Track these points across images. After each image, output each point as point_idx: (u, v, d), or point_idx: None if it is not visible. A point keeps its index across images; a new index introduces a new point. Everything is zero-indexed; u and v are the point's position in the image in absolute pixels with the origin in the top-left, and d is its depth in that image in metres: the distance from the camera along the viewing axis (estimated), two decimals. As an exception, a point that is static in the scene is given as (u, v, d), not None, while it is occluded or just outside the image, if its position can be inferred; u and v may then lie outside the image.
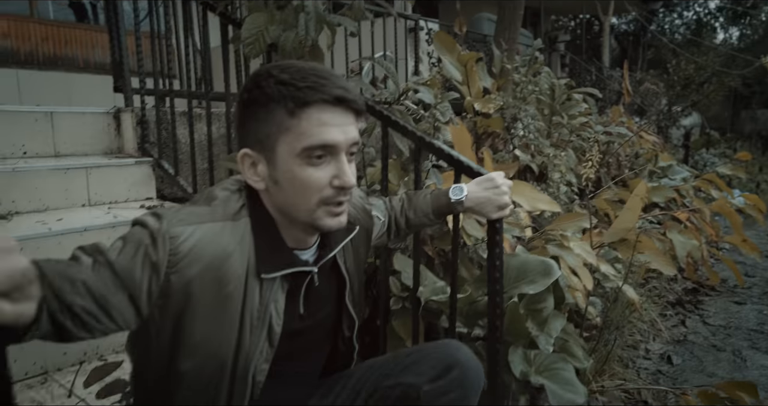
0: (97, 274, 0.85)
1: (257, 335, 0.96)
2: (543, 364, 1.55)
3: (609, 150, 4.20)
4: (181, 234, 0.88)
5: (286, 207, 0.96)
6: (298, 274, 1.00)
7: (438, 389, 1.08)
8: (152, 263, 0.86)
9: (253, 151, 0.94)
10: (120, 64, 2.63)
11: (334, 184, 0.93)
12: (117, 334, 1.73)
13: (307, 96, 0.89)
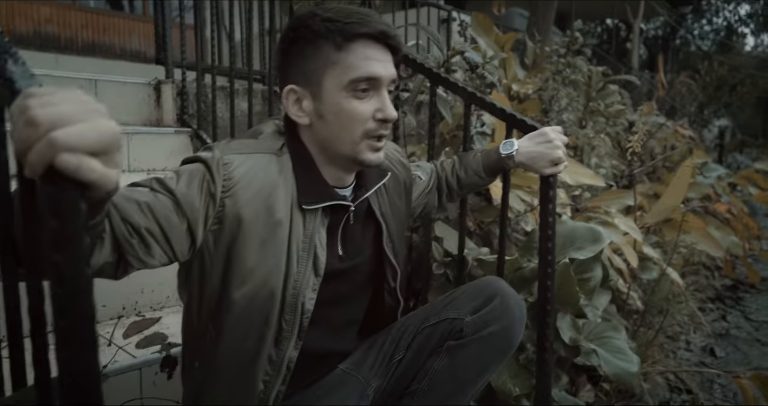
0: (158, 199, 0.87)
1: (304, 265, 0.99)
2: (593, 332, 1.51)
3: (644, 145, 4.12)
4: (234, 161, 0.93)
5: (329, 141, 0.99)
6: (337, 210, 1.03)
7: (481, 319, 1.06)
8: (209, 188, 0.91)
9: (299, 87, 0.97)
10: (163, 36, 2.64)
11: (377, 117, 0.97)
12: (153, 293, 1.73)
13: (353, 30, 0.93)
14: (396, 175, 1.18)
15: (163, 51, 2.67)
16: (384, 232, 1.13)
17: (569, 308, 1.54)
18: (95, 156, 0.53)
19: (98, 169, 0.52)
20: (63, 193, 0.51)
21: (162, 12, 2.63)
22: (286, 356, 1.01)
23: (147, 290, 1.73)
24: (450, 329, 1.08)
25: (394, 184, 1.17)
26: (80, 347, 0.53)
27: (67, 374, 0.54)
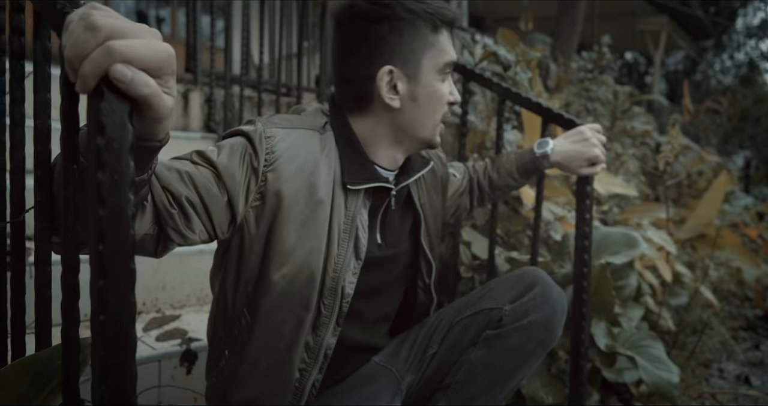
0: (198, 170, 0.85)
1: (344, 247, 0.96)
2: (629, 341, 1.44)
3: (673, 175, 4.06)
4: (277, 134, 0.91)
5: (414, 124, 0.99)
6: (378, 194, 1.01)
7: (521, 307, 1.01)
8: (251, 161, 0.89)
9: (397, 68, 0.95)
10: (194, 45, 2.68)
11: (449, 99, 1.01)
12: (174, 290, 1.70)
13: (446, 14, 0.97)
14: (435, 168, 1.17)
15: (192, 60, 2.70)
16: (422, 223, 1.11)
17: (604, 316, 1.47)
18: (150, 74, 0.52)
19: (152, 84, 0.51)
20: (113, 107, 0.50)
21: (194, 22, 2.68)
22: (324, 343, 0.97)
23: (168, 286, 1.70)
24: (488, 320, 1.03)
25: (432, 178, 1.16)
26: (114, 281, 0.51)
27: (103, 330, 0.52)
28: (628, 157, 2.58)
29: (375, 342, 1.12)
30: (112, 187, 0.50)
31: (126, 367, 0.55)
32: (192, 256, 1.75)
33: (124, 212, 0.50)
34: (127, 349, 0.55)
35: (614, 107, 3.29)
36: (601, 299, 1.44)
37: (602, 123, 3.03)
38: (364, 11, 0.94)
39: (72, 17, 0.50)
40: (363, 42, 0.95)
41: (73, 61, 0.48)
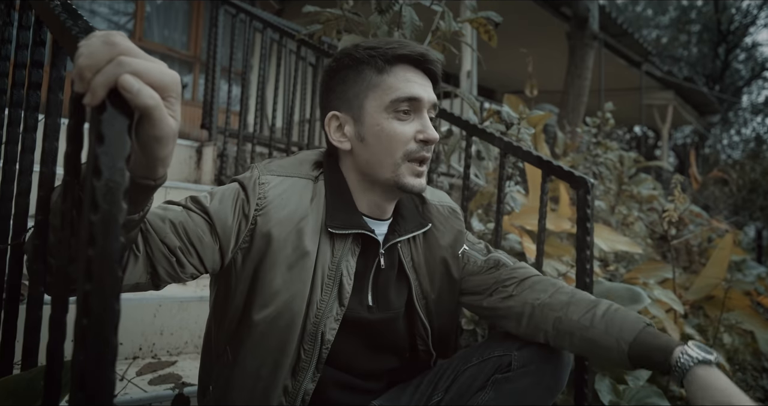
0: (191, 218, 0.89)
1: (328, 293, 0.96)
2: (635, 397, 1.39)
3: (678, 236, 4.04)
4: (271, 181, 0.95)
5: (371, 165, 0.97)
6: (367, 250, 1.00)
7: (528, 353, 1.00)
8: (243, 207, 0.93)
9: (341, 112, 0.99)
10: (210, 103, 2.80)
11: (418, 138, 0.96)
12: (172, 336, 1.69)
13: (394, 52, 0.95)
14: (437, 231, 1.09)
15: (208, 116, 2.82)
16: (414, 286, 1.07)
17: (608, 372, 1.43)
18: (156, 92, 0.55)
19: (157, 98, 0.54)
20: (115, 118, 0.53)
21: (212, 83, 2.81)
22: (302, 388, 0.97)
23: (166, 332, 1.68)
24: (497, 366, 1.01)
25: (433, 241, 1.09)
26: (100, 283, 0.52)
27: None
28: (634, 219, 2.58)
29: (369, 388, 1.09)
30: (107, 194, 0.52)
31: (104, 374, 0.55)
32: (191, 303, 1.74)
33: (115, 219, 0.52)
34: (107, 356, 0.55)
35: (620, 172, 3.33)
36: (604, 354, 1.40)
37: (608, 187, 3.06)
38: (326, 68, 1.03)
39: (95, 33, 0.54)
40: (322, 95, 1.03)
41: (85, 71, 0.51)
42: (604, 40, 7.42)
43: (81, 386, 0.55)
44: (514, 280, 1.06)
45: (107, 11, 5.91)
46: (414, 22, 1.69)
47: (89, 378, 0.55)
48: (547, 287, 1.03)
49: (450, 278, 1.10)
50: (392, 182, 0.97)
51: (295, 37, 2.25)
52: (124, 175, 0.54)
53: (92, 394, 0.55)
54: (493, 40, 2.20)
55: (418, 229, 1.06)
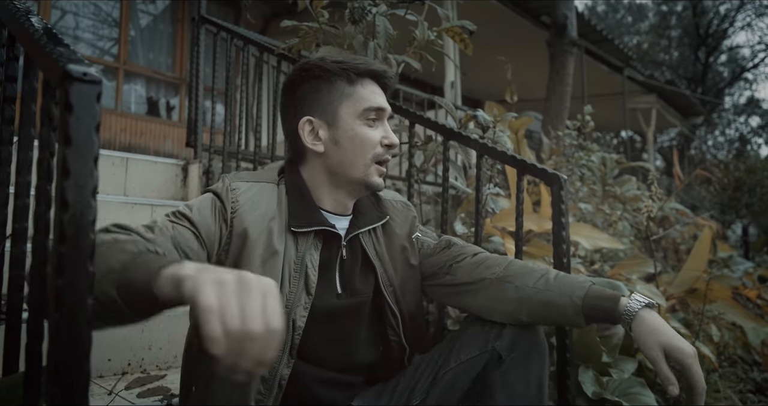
0: (177, 231, 0.96)
1: (295, 285, 1.04)
2: (618, 388, 1.41)
3: (665, 235, 4.08)
4: (240, 187, 1.06)
5: (343, 166, 1.09)
6: (330, 242, 1.10)
7: (508, 339, 1.04)
8: (222, 213, 1.02)
9: (315, 118, 1.09)
10: (195, 121, 2.83)
11: (383, 142, 1.10)
12: (161, 351, 1.69)
13: (365, 67, 1.10)
14: (393, 223, 1.21)
15: (193, 134, 2.84)
16: (379, 273, 1.15)
17: (592, 364, 1.45)
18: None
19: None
20: (81, 121, 0.55)
21: (196, 99, 2.84)
22: (278, 374, 1.02)
23: (155, 347, 1.69)
24: (484, 364, 1.04)
25: (391, 232, 1.20)
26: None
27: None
28: (617, 217, 2.62)
29: (350, 382, 1.12)
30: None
31: (79, 367, 0.57)
32: (181, 317, 1.75)
33: (85, 216, 0.54)
34: (81, 348, 0.57)
35: (603, 174, 3.38)
36: (587, 346, 1.43)
37: (591, 188, 3.10)
38: (291, 78, 1.13)
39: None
40: (289, 102, 1.12)
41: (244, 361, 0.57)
42: (585, 47, 7.54)
43: (57, 381, 0.57)
44: (465, 255, 1.17)
45: (91, 37, 5.96)
46: (388, 31, 1.74)
47: (64, 373, 0.57)
48: (500, 262, 1.14)
49: (410, 264, 1.19)
50: (361, 181, 1.09)
51: (275, 52, 2.29)
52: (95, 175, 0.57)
53: (68, 388, 0.57)
54: (468, 48, 2.25)
55: (377, 221, 1.17)
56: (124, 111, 5.95)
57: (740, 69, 18.48)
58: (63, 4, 5.72)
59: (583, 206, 2.87)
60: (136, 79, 6.19)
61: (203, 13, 2.82)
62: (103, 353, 1.58)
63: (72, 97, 0.56)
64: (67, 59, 0.58)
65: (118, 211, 2.23)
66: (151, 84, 6.34)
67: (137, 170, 2.61)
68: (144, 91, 6.29)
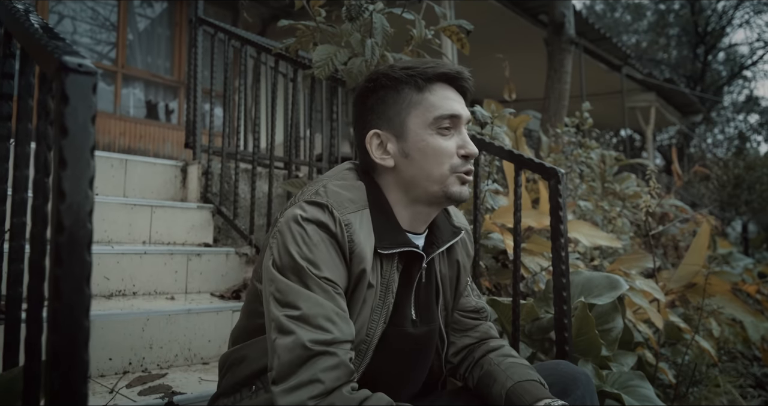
0: (338, 302, 0.91)
1: (378, 313, 0.98)
2: (618, 381, 1.41)
3: (665, 232, 4.08)
4: (353, 222, 0.94)
5: (417, 179, 1.00)
6: (410, 266, 1.02)
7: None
8: (339, 254, 0.93)
9: (382, 131, 1.01)
10: (193, 122, 2.84)
11: (460, 153, 0.99)
12: (161, 349, 1.69)
13: (433, 71, 1.00)
14: (457, 245, 1.13)
15: (192, 136, 2.85)
16: (441, 297, 1.09)
17: (591, 358, 1.45)
18: None
19: None
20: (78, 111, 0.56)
21: (194, 101, 2.85)
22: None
23: (156, 346, 1.69)
24: None
25: (453, 254, 1.13)
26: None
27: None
28: (616, 214, 2.62)
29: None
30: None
31: (77, 353, 0.57)
32: (180, 315, 1.76)
33: (83, 208, 0.54)
34: (80, 335, 0.57)
35: (602, 171, 3.38)
36: (587, 340, 1.43)
37: (590, 186, 3.11)
38: (360, 90, 1.05)
39: None
40: (358, 115, 1.05)
41: None
42: (583, 45, 7.55)
43: (56, 368, 0.57)
44: (478, 331, 1.17)
45: (89, 41, 5.98)
46: (385, 28, 1.74)
47: (63, 361, 0.57)
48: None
49: (455, 293, 1.14)
50: (440, 193, 0.99)
51: (272, 52, 2.30)
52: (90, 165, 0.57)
53: (67, 376, 0.57)
54: (465, 48, 2.26)
55: (452, 238, 1.09)
56: (123, 115, 5.96)
57: (739, 67, 18.50)
58: (61, 8, 5.73)
59: (582, 203, 2.88)
60: (134, 82, 6.21)
61: (200, 14, 2.83)
62: (104, 352, 1.58)
63: (68, 88, 0.56)
64: (62, 51, 0.58)
65: (117, 212, 2.24)
66: (149, 87, 6.36)
67: (136, 172, 2.62)
68: (143, 94, 6.31)
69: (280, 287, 0.89)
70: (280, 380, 0.83)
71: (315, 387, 0.81)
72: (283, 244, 0.92)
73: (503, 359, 1.11)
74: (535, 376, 1.05)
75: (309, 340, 0.84)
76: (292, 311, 0.87)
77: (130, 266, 1.96)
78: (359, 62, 1.77)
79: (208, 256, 2.21)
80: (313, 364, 0.83)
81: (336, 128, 2.33)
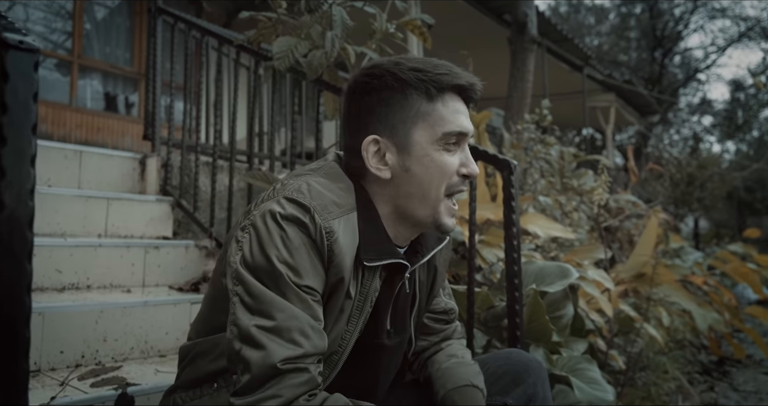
0: (315, 310, 0.86)
1: (353, 324, 0.94)
2: (567, 365, 1.47)
3: (621, 227, 4.21)
4: (335, 230, 0.87)
5: (410, 198, 0.93)
6: (392, 276, 0.97)
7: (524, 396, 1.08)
8: (320, 260, 0.87)
9: (383, 138, 0.92)
10: (152, 113, 2.79)
11: (461, 172, 0.93)
12: (116, 342, 1.66)
13: (448, 81, 0.90)
14: (438, 254, 1.07)
15: (151, 127, 2.80)
16: (416, 304, 1.06)
17: (543, 343, 1.50)
18: None
19: None
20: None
21: (154, 92, 2.80)
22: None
23: (110, 338, 1.67)
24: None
25: (432, 261, 1.08)
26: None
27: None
28: (572, 208, 2.70)
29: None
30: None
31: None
32: (135, 308, 1.73)
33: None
34: (20, 316, 0.57)
35: (562, 167, 3.46)
36: (538, 326, 1.47)
37: (549, 181, 3.18)
38: (358, 83, 0.94)
39: None
40: (354, 113, 0.95)
41: None
42: (546, 45, 7.69)
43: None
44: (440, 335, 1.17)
45: (43, 30, 5.79)
46: (345, 21, 1.75)
47: (3, 334, 0.56)
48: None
49: (428, 298, 1.11)
50: (430, 220, 0.94)
51: (234, 43, 2.28)
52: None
53: (6, 349, 0.56)
54: (427, 42, 2.28)
55: (437, 244, 1.03)
56: (79, 106, 5.80)
57: (693, 70, 19.16)
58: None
59: (542, 198, 2.95)
60: (92, 73, 6.05)
61: (160, 4, 2.78)
62: (54, 345, 1.55)
63: (8, 65, 0.56)
64: (2, 28, 0.58)
65: (71, 204, 2.19)
66: (108, 79, 6.20)
67: (92, 164, 2.55)
68: (101, 86, 6.15)
69: (251, 291, 0.83)
70: (243, 393, 0.80)
71: (274, 401, 0.78)
72: (257, 242, 0.85)
73: (446, 360, 1.11)
74: (467, 380, 1.04)
75: (281, 359, 0.79)
76: (265, 322, 0.81)
77: (83, 258, 1.92)
78: (320, 54, 1.77)
79: (167, 248, 2.18)
80: (280, 380, 0.79)
81: (299, 121, 2.33)
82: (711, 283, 3.17)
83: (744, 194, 14.54)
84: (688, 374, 2.98)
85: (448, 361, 1.10)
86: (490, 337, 1.62)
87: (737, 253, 4.68)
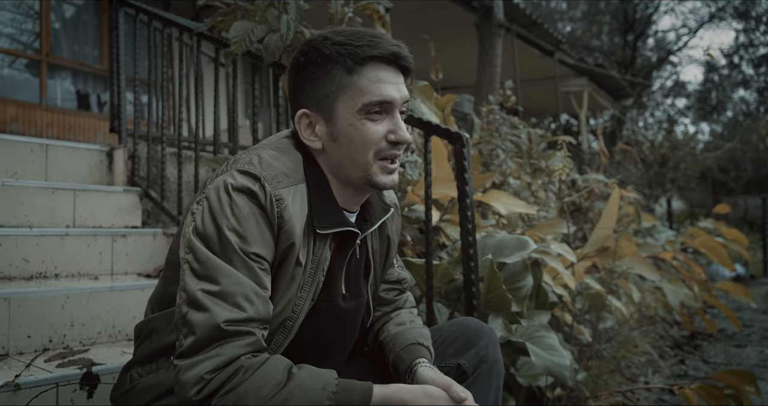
0: (261, 277, 0.89)
1: (306, 291, 0.97)
2: (525, 333, 1.51)
3: (592, 207, 4.29)
4: (284, 197, 0.92)
5: (342, 165, 0.98)
6: (344, 242, 1.01)
7: (476, 357, 1.13)
8: (269, 227, 0.90)
9: (311, 112, 0.98)
10: (117, 106, 2.78)
11: (389, 138, 0.96)
12: (84, 327, 1.67)
13: (364, 52, 0.93)
14: (388, 221, 1.12)
15: (117, 120, 2.79)
16: (372, 272, 1.10)
17: (502, 313, 1.54)
18: None
19: None
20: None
21: (118, 83, 2.79)
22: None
23: (77, 323, 1.68)
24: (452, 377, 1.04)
25: (384, 230, 1.13)
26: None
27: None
28: (537, 186, 2.75)
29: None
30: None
31: None
32: (102, 293, 1.75)
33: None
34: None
35: (530, 148, 3.52)
36: (496, 296, 1.52)
37: (517, 162, 3.23)
38: (292, 63, 1.00)
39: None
40: (291, 89, 1.01)
41: None
42: (516, 31, 7.75)
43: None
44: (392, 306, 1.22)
45: (13, 31, 5.69)
46: (299, 4, 1.77)
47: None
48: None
49: (383, 267, 1.15)
50: (364, 181, 0.98)
51: (193, 31, 2.28)
52: None
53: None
54: (386, 26, 2.31)
55: (383, 214, 1.08)
56: (50, 105, 5.73)
57: (666, 52, 19.41)
58: (-25, -7, 5.44)
59: (512, 181, 3.00)
60: (61, 72, 5.97)
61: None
62: (21, 330, 1.56)
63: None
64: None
65: (37, 196, 2.18)
66: (78, 77, 6.12)
67: (58, 157, 2.54)
68: (71, 84, 6.07)
69: (199, 258, 0.86)
70: (187, 355, 0.82)
71: (215, 360, 0.81)
72: (209, 212, 0.89)
73: (395, 327, 1.16)
74: (414, 339, 1.10)
75: (224, 320, 0.82)
76: (210, 286, 0.84)
77: (50, 247, 1.92)
78: (276, 38, 1.79)
79: (135, 237, 2.19)
80: (224, 342, 0.82)
81: (260, 107, 2.34)
82: (680, 259, 3.26)
83: (718, 174, 14.85)
84: (660, 348, 3.07)
85: (396, 328, 1.15)
86: (452, 310, 1.66)
87: (707, 229, 4.79)
